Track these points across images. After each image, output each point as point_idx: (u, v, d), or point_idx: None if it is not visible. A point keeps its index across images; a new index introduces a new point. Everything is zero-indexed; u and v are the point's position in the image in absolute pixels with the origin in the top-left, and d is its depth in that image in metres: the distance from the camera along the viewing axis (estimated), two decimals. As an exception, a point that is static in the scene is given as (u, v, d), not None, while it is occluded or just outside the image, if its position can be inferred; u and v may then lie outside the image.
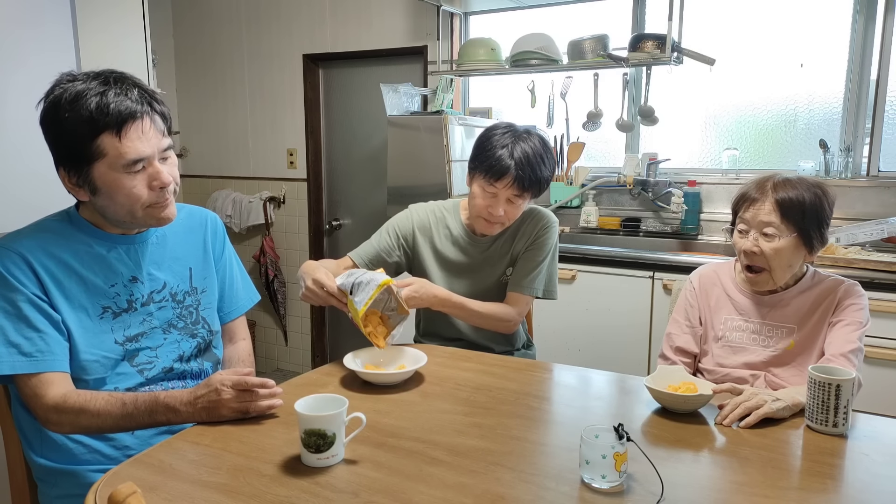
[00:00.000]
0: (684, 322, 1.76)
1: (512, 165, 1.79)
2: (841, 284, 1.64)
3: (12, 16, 2.23)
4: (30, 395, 1.28)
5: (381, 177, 3.76)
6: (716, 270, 1.78)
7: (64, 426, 1.29)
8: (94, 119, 1.22)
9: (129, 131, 1.25)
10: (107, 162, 1.25)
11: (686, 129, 3.28)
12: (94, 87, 1.25)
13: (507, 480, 1.11)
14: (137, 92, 1.28)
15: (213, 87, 4.37)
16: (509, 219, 1.88)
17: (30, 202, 2.27)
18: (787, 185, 1.59)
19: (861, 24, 2.84)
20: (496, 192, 1.82)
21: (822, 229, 1.60)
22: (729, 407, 1.35)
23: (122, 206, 1.30)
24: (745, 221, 1.62)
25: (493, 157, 1.81)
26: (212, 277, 1.55)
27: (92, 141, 1.24)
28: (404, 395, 1.48)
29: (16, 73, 2.24)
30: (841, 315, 1.60)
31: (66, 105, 1.23)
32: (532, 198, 1.89)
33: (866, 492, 1.10)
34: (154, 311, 1.42)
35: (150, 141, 1.28)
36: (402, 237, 1.99)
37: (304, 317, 4.32)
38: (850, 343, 1.55)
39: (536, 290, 1.93)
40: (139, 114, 1.26)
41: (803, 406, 1.36)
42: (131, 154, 1.25)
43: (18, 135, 2.24)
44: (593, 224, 3.26)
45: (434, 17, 3.58)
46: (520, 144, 1.81)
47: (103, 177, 1.27)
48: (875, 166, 2.85)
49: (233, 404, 1.29)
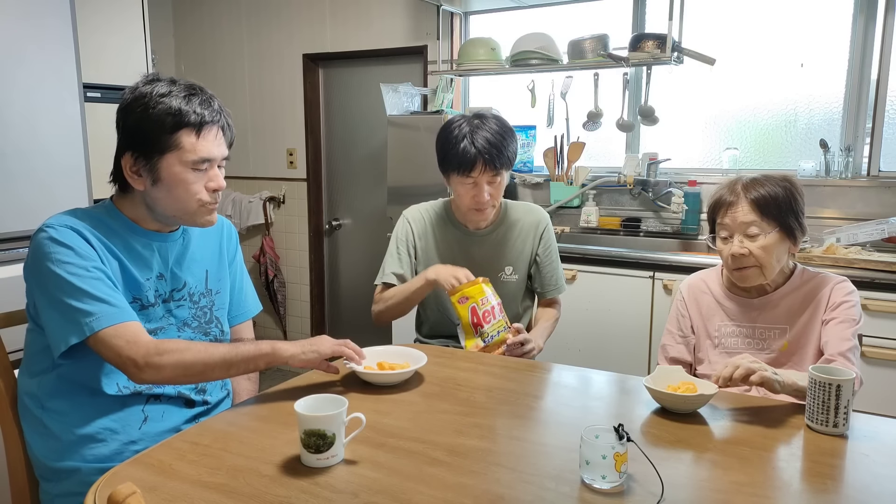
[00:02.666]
0: (677, 332, 1.77)
1: (477, 153, 1.85)
2: (830, 282, 1.65)
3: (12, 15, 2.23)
4: (124, 343, 1.27)
5: (381, 177, 3.76)
6: (703, 279, 1.79)
7: (165, 368, 1.29)
8: (181, 113, 1.33)
9: (207, 133, 1.37)
10: (178, 155, 1.34)
11: (686, 129, 3.27)
12: (181, 90, 1.36)
13: (506, 481, 1.11)
14: (217, 104, 1.42)
15: (213, 86, 4.32)
16: (495, 199, 1.95)
17: (30, 202, 2.27)
18: (757, 184, 1.61)
19: (861, 23, 2.84)
20: (474, 180, 1.89)
21: (800, 219, 1.62)
22: (730, 368, 1.36)
23: (178, 200, 1.37)
24: (726, 227, 1.63)
25: (457, 152, 1.87)
26: (225, 280, 1.60)
27: (172, 133, 1.33)
28: (404, 395, 1.48)
29: (16, 73, 2.24)
30: (834, 313, 1.61)
31: (155, 97, 1.33)
32: (508, 169, 1.96)
33: (866, 492, 1.10)
34: (173, 308, 1.46)
35: (219, 147, 1.40)
36: (409, 246, 2.03)
37: (303, 317, 4.32)
38: (846, 341, 1.55)
39: (564, 286, 2.12)
40: (217, 122, 1.39)
41: (799, 390, 1.38)
42: (203, 152, 1.36)
43: (18, 135, 2.24)
44: (593, 224, 3.26)
45: (434, 17, 3.58)
46: (478, 132, 1.87)
47: (170, 168, 1.35)
48: (875, 166, 2.85)
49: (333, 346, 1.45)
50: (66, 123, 2.39)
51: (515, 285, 2.05)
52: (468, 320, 1.78)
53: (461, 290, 1.79)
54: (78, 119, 2.43)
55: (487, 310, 1.79)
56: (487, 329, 1.79)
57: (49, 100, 2.33)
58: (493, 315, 1.80)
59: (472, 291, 1.79)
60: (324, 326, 4.34)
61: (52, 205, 1.47)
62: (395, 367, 1.54)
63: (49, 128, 2.34)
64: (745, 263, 1.61)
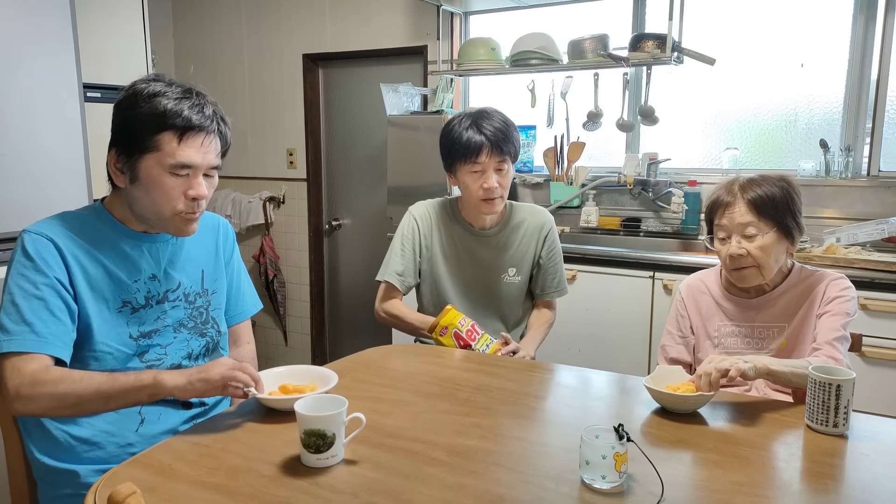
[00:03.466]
0: (676, 333, 1.78)
1: (484, 138, 1.87)
2: (826, 278, 1.65)
3: (12, 15, 2.23)
4: (9, 371, 1.24)
5: (381, 177, 3.76)
6: (702, 279, 1.79)
7: (35, 400, 1.23)
8: (166, 116, 1.30)
9: (190, 139, 1.33)
10: (157, 157, 1.31)
11: (686, 129, 3.27)
12: (176, 92, 1.33)
13: (506, 481, 1.11)
14: (212, 110, 1.37)
15: (213, 86, 4.37)
16: (504, 188, 1.94)
17: (30, 202, 2.27)
18: (754, 184, 1.61)
19: (861, 23, 2.84)
20: (482, 166, 1.89)
21: (797, 219, 1.62)
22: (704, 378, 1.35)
23: (154, 203, 1.35)
24: (724, 228, 1.63)
25: (462, 142, 1.89)
26: (221, 280, 1.59)
27: (154, 134, 1.31)
28: (404, 395, 1.48)
29: (15, 73, 2.24)
30: (828, 307, 1.61)
31: (146, 97, 1.31)
32: (512, 162, 1.96)
33: (866, 492, 1.10)
34: (168, 309, 1.45)
35: (205, 155, 1.35)
36: (415, 244, 2.03)
37: (303, 317, 4.32)
38: (835, 331, 1.56)
39: (566, 288, 2.11)
40: (205, 128, 1.34)
41: (771, 373, 1.40)
42: (183, 158, 1.32)
43: (18, 135, 2.24)
44: (593, 224, 3.26)
45: (434, 17, 3.58)
46: (481, 122, 1.90)
47: (149, 169, 1.32)
48: (875, 166, 2.85)
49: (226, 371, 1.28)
50: (66, 123, 2.39)
51: (517, 287, 2.05)
52: (456, 346, 1.81)
53: (437, 324, 1.82)
54: (78, 119, 2.43)
55: (469, 329, 1.83)
56: (476, 346, 1.82)
57: (49, 100, 2.34)
58: (475, 332, 1.84)
59: (448, 319, 1.82)
60: (324, 326, 4.33)
61: (52, 205, 1.47)
62: (304, 390, 1.39)
63: (49, 128, 2.34)
64: (743, 264, 1.61)
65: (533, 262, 2.05)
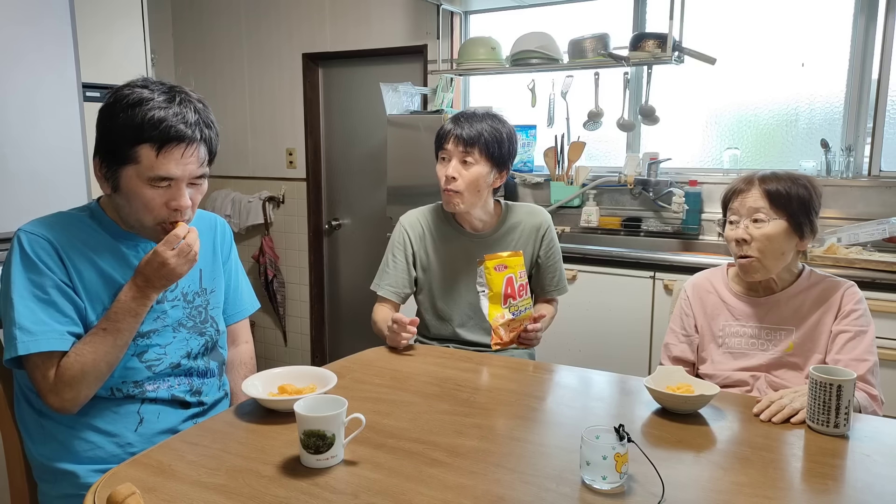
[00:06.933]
0: (680, 331, 1.77)
1: (454, 127, 1.90)
2: (841, 286, 1.63)
3: (11, 15, 2.23)
4: (40, 376, 1.28)
5: (380, 176, 3.76)
6: (708, 278, 1.78)
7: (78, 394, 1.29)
8: (143, 128, 1.26)
9: (169, 151, 1.28)
10: (136, 169, 1.29)
11: (687, 129, 3.27)
12: (158, 100, 1.29)
13: (507, 482, 1.10)
14: (196, 118, 1.32)
15: (213, 86, 4.37)
16: (464, 181, 1.89)
17: (30, 202, 2.27)
18: (774, 178, 1.61)
19: (862, 23, 2.83)
20: (447, 154, 1.91)
21: (812, 217, 1.60)
22: (774, 406, 1.35)
23: (136, 212, 1.34)
24: (735, 211, 1.63)
25: (439, 133, 1.94)
26: (220, 279, 1.59)
27: (132, 146, 1.28)
28: (404, 395, 1.48)
29: (15, 73, 2.24)
30: (845, 324, 1.59)
31: (125, 106, 1.28)
32: (487, 159, 1.89)
33: (867, 492, 1.10)
34: (167, 309, 1.45)
35: (185, 166, 1.31)
36: (406, 253, 2.02)
37: (303, 317, 4.32)
38: (863, 362, 1.54)
39: (566, 287, 2.11)
40: (186, 139, 1.30)
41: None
42: (161, 171, 1.29)
43: (18, 135, 2.24)
44: (594, 224, 3.25)
45: (434, 16, 3.58)
46: (462, 117, 1.92)
47: (128, 181, 1.30)
48: (876, 166, 2.85)
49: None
50: (66, 123, 2.39)
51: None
52: (501, 289, 1.76)
53: (499, 258, 1.78)
54: (77, 119, 2.43)
55: (522, 284, 1.80)
56: (518, 303, 1.79)
57: (48, 100, 2.33)
58: (525, 291, 1.81)
59: (513, 262, 1.78)
60: (323, 326, 4.33)
61: (52, 205, 1.47)
62: (303, 391, 1.39)
63: (48, 128, 2.34)
64: (746, 251, 1.60)
65: (531, 262, 2.04)
